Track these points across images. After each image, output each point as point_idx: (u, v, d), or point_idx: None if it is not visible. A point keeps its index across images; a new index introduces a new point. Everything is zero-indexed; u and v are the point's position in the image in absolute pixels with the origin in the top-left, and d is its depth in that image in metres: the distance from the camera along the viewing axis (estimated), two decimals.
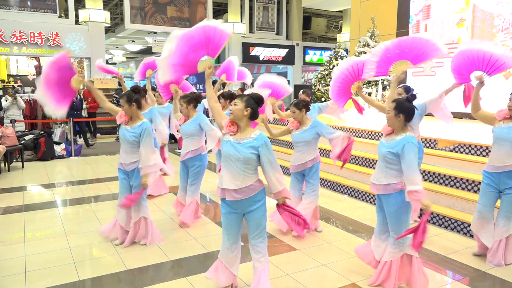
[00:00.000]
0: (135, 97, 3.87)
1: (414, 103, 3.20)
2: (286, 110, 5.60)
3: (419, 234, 2.92)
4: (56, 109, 3.79)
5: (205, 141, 4.74)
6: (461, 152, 5.51)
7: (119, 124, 4.03)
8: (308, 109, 4.35)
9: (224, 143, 2.92)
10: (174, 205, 5.01)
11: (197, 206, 4.77)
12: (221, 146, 2.97)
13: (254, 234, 2.99)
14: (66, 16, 12.29)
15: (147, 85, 6.29)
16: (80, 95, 10.91)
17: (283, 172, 3.02)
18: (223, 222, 3.05)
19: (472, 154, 5.34)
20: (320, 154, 4.76)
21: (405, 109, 3.09)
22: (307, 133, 4.30)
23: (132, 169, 3.98)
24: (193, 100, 4.56)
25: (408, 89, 4.67)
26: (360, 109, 4.62)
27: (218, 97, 5.61)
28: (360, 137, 7.10)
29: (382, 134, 3.33)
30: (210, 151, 4.83)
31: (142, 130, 3.86)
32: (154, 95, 6.44)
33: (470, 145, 5.41)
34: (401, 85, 4.82)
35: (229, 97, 5.53)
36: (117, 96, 11.32)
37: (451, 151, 5.65)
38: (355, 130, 7.19)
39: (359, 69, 4.10)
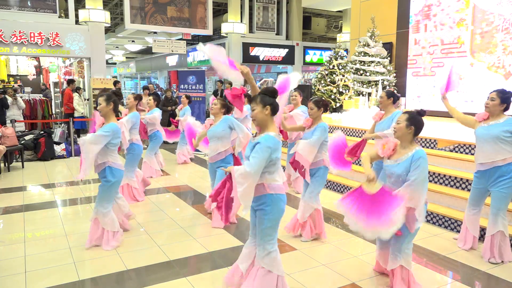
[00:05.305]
0: (113, 98, 4.00)
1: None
2: None
3: None
4: None
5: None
6: (461, 152, 5.50)
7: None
8: (327, 110, 4.29)
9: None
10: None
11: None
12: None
13: None
14: (66, 16, 12.28)
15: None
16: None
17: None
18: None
19: (472, 154, 5.34)
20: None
21: (416, 122, 3.00)
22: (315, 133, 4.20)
23: None
24: (226, 105, 4.68)
25: (390, 94, 4.68)
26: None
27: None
28: (359, 137, 7.09)
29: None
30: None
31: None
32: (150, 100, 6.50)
33: (470, 145, 5.41)
34: (384, 90, 4.87)
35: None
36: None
37: (451, 151, 5.65)
38: (355, 130, 7.19)
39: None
